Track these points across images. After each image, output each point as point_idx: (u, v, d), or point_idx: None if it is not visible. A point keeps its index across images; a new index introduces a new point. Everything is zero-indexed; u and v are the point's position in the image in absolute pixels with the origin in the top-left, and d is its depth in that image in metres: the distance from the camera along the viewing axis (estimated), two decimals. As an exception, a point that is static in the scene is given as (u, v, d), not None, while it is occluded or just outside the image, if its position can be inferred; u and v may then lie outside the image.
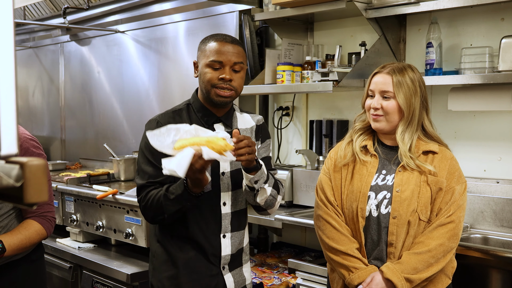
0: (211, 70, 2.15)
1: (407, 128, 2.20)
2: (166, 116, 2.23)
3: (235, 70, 2.17)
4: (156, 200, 2.11)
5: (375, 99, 2.23)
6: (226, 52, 2.15)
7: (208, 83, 2.16)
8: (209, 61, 2.15)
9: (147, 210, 2.17)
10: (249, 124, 2.32)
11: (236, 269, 2.30)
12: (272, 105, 3.98)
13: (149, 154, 2.18)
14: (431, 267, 2.11)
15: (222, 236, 2.24)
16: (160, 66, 4.39)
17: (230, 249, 2.26)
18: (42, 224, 2.42)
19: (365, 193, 2.20)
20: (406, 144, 2.19)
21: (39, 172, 0.85)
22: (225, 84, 2.14)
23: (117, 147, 4.67)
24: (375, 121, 2.24)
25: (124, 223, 3.45)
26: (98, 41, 4.99)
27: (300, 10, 3.30)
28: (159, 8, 4.30)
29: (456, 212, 2.15)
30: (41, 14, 5.32)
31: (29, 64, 5.85)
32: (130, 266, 3.39)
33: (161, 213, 2.12)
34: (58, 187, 3.96)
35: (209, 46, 2.17)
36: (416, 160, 2.17)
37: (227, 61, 2.14)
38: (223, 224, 2.23)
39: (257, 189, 2.12)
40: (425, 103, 2.24)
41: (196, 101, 2.25)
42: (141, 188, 2.19)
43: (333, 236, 2.22)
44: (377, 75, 2.25)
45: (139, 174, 2.22)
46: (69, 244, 3.86)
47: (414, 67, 2.27)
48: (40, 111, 5.78)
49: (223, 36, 2.20)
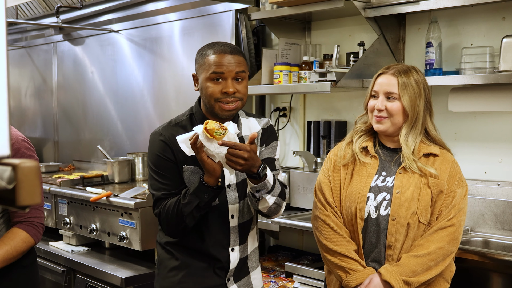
0: (212, 84, 2.08)
1: (410, 130, 2.19)
2: (169, 129, 2.18)
3: (237, 79, 2.10)
4: (174, 206, 2.07)
5: (379, 100, 2.21)
6: (226, 63, 2.07)
7: (211, 97, 2.09)
8: (210, 74, 2.08)
9: (167, 220, 2.11)
10: (254, 129, 2.26)
11: (243, 279, 2.28)
12: (269, 106, 3.97)
13: (160, 167, 2.15)
14: (430, 271, 2.10)
15: (231, 250, 2.22)
16: (155, 66, 4.37)
17: (237, 263, 2.24)
18: (29, 231, 2.39)
19: (364, 194, 2.19)
20: (410, 147, 2.17)
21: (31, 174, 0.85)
22: (230, 98, 2.08)
23: (111, 148, 4.65)
24: (378, 122, 2.22)
25: (118, 226, 3.42)
26: (92, 40, 4.97)
27: (297, 9, 3.29)
28: (154, 7, 4.28)
29: (456, 216, 2.14)
30: (34, 13, 5.30)
31: (22, 64, 5.83)
32: (124, 270, 3.35)
33: (181, 218, 2.06)
34: (51, 189, 3.92)
35: (208, 59, 2.09)
36: (418, 162, 2.16)
37: (229, 73, 2.07)
38: (232, 237, 2.21)
39: (259, 198, 2.08)
40: (429, 106, 2.23)
41: (198, 113, 2.19)
42: (158, 200, 2.15)
43: (331, 237, 2.22)
44: (381, 76, 2.24)
45: (153, 188, 2.18)
46: (62, 248, 3.81)
47: (419, 69, 2.26)
48: (33, 112, 5.75)
49: (221, 47, 2.10)
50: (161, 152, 2.13)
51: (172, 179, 2.13)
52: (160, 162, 2.13)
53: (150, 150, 2.18)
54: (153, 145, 2.17)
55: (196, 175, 2.12)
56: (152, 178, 2.18)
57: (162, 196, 2.14)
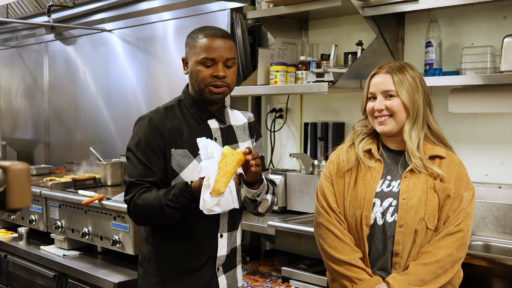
0: (203, 68, 2.13)
1: (413, 126, 2.14)
2: (159, 113, 2.21)
3: (227, 66, 2.15)
4: (156, 206, 2.05)
5: (377, 100, 2.16)
6: (218, 48, 2.12)
7: (202, 81, 2.14)
8: (201, 59, 2.13)
9: (139, 213, 2.11)
10: (241, 121, 2.33)
11: (230, 270, 2.29)
12: (265, 107, 3.95)
13: (139, 153, 2.13)
14: (439, 278, 2.06)
15: (220, 236, 2.22)
16: (149, 66, 4.37)
17: (226, 249, 2.24)
18: None
19: (370, 200, 2.13)
20: (414, 143, 2.13)
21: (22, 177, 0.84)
22: (219, 82, 2.13)
23: (104, 150, 4.64)
24: (382, 124, 2.16)
25: (111, 229, 3.40)
26: (84, 40, 4.96)
27: (294, 8, 3.27)
28: (147, 6, 4.29)
29: (464, 221, 2.10)
30: (25, 12, 5.29)
31: (12, 64, 5.84)
32: (117, 275, 3.34)
33: (160, 218, 2.06)
34: (42, 192, 3.93)
35: (199, 42, 2.14)
36: (425, 161, 2.12)
37: (220, 58, 2.12)
38: (221, 223, 2.21)
39: (259, 201, 2.14)
40: (428, 99, 2.19)
41: (188, 97, 2.24)
42: (131, 185, 2.13)
43: (335, 245, 2.16)
44: (375, 76, 2.20)
45: (129, 172, 2.16)
46: (53, 252, 3.81)
47: (412, 65, 2.23)
48: (24, 113, 5.76)
49: (212, 31, 2.16)
50: (150, 136, 2.13)
51: (154, 165, 2.12)
52: (146, 146, 2.12)
53: (136, 135, 2.17)
54: (140, 129, 2.17)
55: (185, 158, 2.13)
56: (132, 166, 2.15)
57: (136, 182, 2.11)
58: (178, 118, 2.18)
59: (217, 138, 2.20)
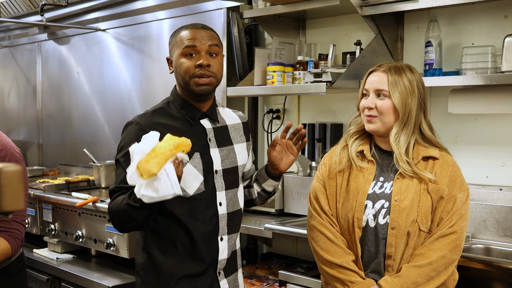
0: (186, 59, 2.10)
1: (402, 130, 2.13)
2: (146, 117, 2.16)
3: (211, 55, 2.11)
4: (122, 208, 1.97)
5: (369, 98, 2.16)
6: (199, 37, 2.11)
7: (185, 73, 2.10)
8: (183, 49, 2.10)
9: (113, 217, 2.06)
10: (235, 120, 2.31)
11: (232, 275, 2.26)
12: (262, 107, 3.95)
13: (122, 159, 2.09)
14: (432, 281, 2.06)
15: (220, 239, 2.18)
16: (143, 66, 4.36)
17: (227, 252, 2.21)
18: (9, 241, 2.33)
19: (362, 202, 2.13)
20: (402, 147, 2.12)
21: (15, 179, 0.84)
22: (203, 71, 2.08)
23: (98, 152, 4.61)
24: (369, 122, 2.16)
25: (105, 232, 3.40)
26: (78, 40, 4.95)
27: (291, 7, 3.26)
28: (142, 5, 4.27)
29: (458, 222, 2.10)
30: (17, 11, 5.27)
31: (4, 64, 5.82)
32: (112, 278, 3.34)
33: (129, 220, 1.99)
34: (35, 194, 3.92)
35: (180, 35, 2.14)
36: (413, 166, 2.10)
37: (202, 46, 2.10)
38: (221, 225, 2.17)
39: (274, 192, 2.27)
40: (423, 104, 2.18)
41: (177, 98, 2.20)
42: (111, 192, 2.10)
43: (328, 248, 2.16)
44: (372, 74, 2.20)
45: (115, 179, 2.13)
46: (46, 255, 3.81)
47: (413, 67, 2.22)
48: (16, 114, 5.75)
49: (192, 24, 2.17)
50: (135, 141, 2.00)
51: None
52: (125, 152, 2.05)
53: (122, 141, 2.12)
54: (127, 135, 2.12)
55: None
56: (116, 173, 2.11)
57: (115, 189, 2.06)
58: (167, 121, 2.13)
59: (211, 139, 2.16)
